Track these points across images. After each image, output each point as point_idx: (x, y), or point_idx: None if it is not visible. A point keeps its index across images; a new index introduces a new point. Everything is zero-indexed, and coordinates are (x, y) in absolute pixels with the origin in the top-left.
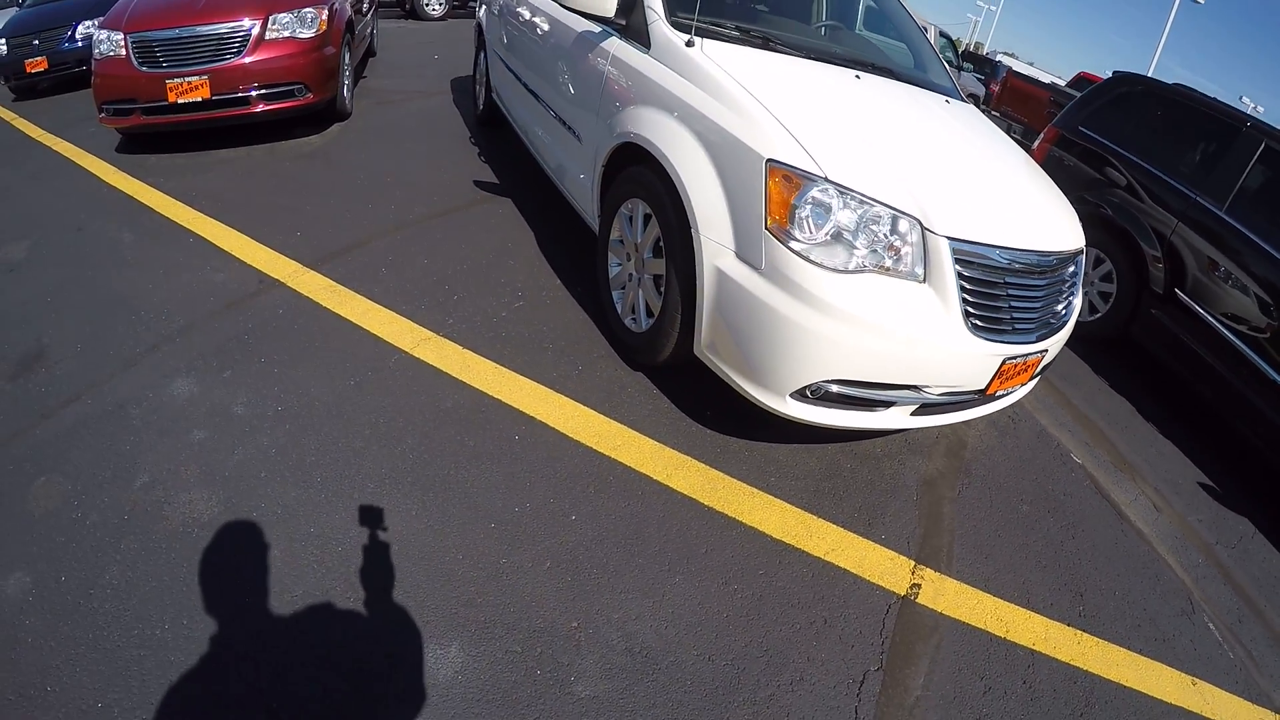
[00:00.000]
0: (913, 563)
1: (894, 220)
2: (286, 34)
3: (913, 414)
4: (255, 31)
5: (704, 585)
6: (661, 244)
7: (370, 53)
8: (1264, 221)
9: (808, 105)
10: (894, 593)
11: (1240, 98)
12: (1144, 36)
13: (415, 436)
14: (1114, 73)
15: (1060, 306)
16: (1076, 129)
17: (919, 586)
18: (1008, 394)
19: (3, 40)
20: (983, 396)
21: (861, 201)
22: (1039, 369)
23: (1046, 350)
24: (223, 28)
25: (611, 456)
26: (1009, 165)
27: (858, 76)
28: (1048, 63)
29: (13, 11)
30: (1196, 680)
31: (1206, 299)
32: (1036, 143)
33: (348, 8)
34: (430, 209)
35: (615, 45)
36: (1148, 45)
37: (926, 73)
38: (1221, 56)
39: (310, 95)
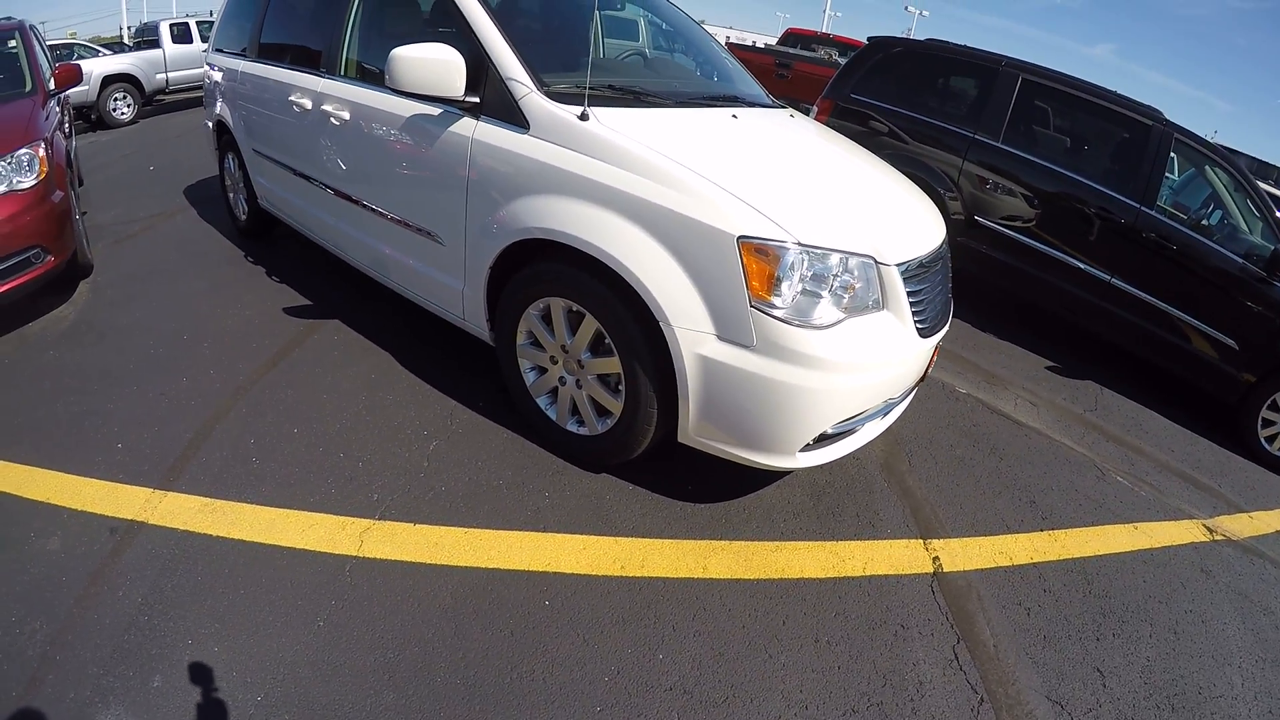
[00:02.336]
0: (921, 541)
1: (856, 264)
2: (3, 189)
3: (882, 418)
4: None
5: (805, 654)
6: (609, 341)
7: (79, 180)
8: (1030, 142)
9: (732, 164)
10: (927, 573)
11: (906, 7)
12: None
13: (445, 656)
14: (870, 38)
15: (949, 284)
16: (849, 96)
17: (938, 558)
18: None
19: None
20: (919, 381)
21: (826, 254)
22: None
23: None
24: None
25: (645, 575)
26: (882, 173)
27: (734, 116)
28: (720, 18)
29: None
30: (1137, 525)
31: (998, 215)
32: (813, 115)
33: (61, 137)
34: (258, 361)
35: (473, 128)
36: None
37: (753, 89)
38: None
39: (51, 258)
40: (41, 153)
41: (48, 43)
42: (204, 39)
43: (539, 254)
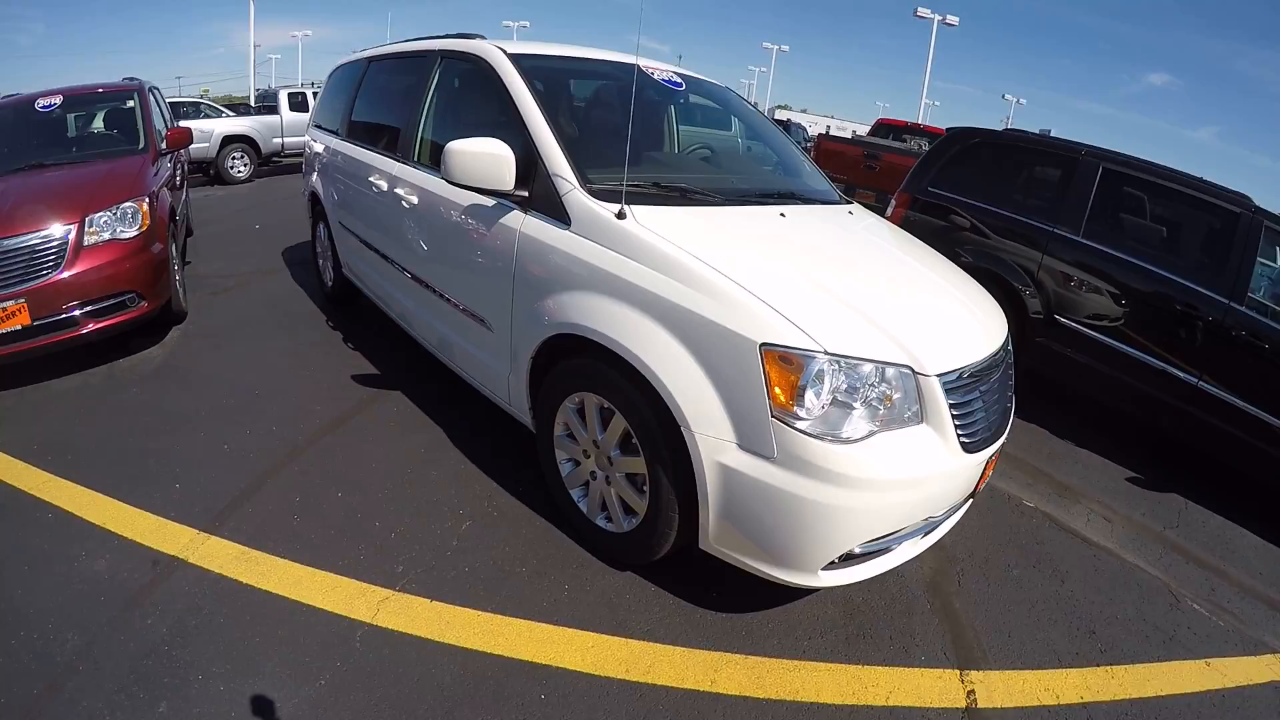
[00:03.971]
0: (958, 672)
1: (890, 374)
2: (107, 236)
3: (923, 537)
4: (71, 238)
5: None
6: (635, 441)
7: (188, 231)
8: (1112, 234)
9: (766, 267)
10: (958, 708)
11: (1003, 95)
12: (908, 61)
13: None
14: (949, 130)
15: (1010, 391)
16: (926, 190)
17: (973, 692)
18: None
19: None
20: (970, 496)
21: (858, 364)
22: None
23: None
24: (33, 239)
25: (649, 682)
26: (937, 273)
27: (782, 214)
28: (821, 107)
29: None
30: (1210, 660)
31: (1078, 313)
32: (890, 209)
33: (168, 193)
34: (318, 423)
35: (521, 221)
36: (912, 69)
37: (816, 184)
38: (981, 63)
39: (144, 304)
40: (145, 206)
41: (182, 98)
42: None
43: (576, 349)
